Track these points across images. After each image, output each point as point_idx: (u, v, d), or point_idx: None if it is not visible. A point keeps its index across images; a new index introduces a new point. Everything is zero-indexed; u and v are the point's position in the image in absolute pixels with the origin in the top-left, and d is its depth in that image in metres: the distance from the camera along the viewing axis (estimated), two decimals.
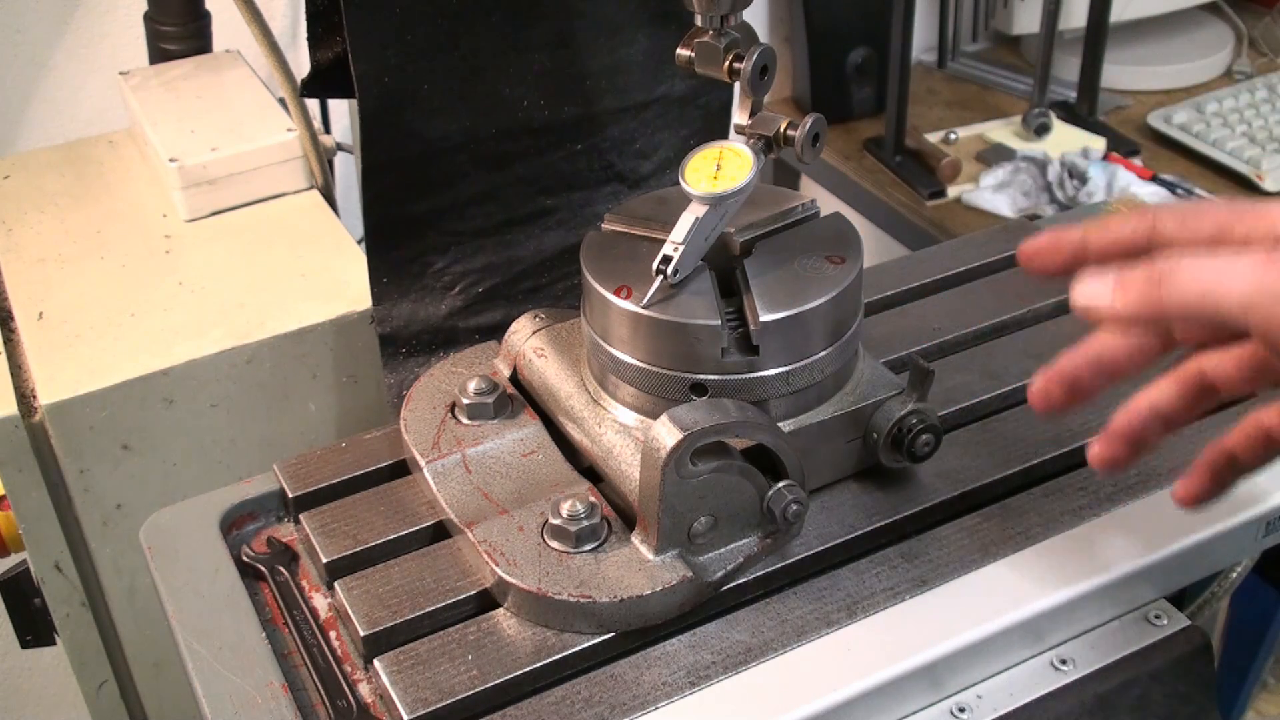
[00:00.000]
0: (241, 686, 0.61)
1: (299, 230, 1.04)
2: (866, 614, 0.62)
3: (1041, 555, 0.65)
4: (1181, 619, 0.66)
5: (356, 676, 0.63)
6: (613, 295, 0.64)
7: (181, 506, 0.73)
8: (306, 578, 0.69)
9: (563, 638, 0.61)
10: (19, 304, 0.96)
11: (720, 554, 0.63)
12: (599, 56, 0.84)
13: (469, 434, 0.70)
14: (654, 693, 0.59)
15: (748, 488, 0.62)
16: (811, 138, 0.65)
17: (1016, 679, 0.63)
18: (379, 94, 0.78)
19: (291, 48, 1.32)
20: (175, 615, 0.65)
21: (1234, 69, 1.79)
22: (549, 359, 0.72)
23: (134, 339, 0.91)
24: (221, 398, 0.91)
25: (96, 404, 0.86)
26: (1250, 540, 0.69)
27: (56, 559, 0.91)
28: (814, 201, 0.71)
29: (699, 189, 0.64)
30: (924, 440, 0.66)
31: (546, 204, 0.88)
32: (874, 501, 0.68)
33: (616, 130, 0.88)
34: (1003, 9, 1.82)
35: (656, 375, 0.64)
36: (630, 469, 0.63)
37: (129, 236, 1.04)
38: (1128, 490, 0.69)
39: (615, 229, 0.70)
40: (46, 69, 1.36)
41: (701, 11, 0.64)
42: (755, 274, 0.65)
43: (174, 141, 1.07)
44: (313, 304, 0.93)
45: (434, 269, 0.85)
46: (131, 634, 0.95)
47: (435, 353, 0.86)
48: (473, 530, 0.64)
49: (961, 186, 1.55)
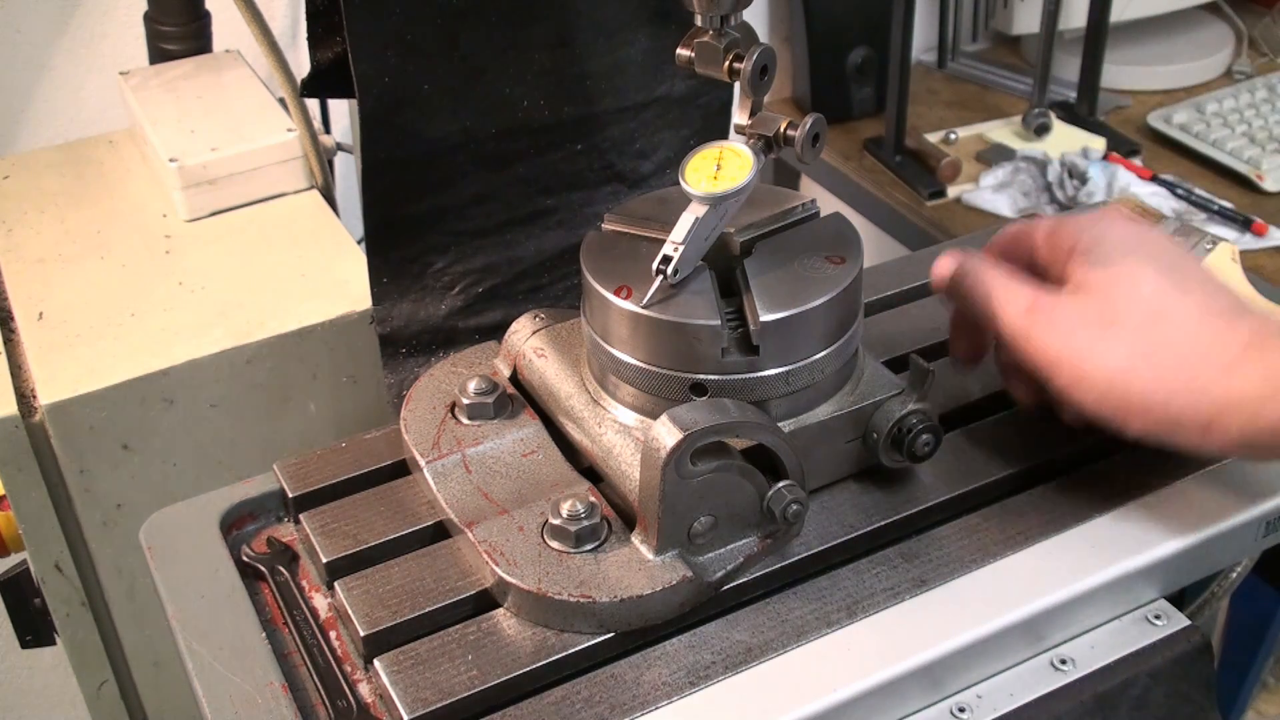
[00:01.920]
0: (241, 686, 0.61)
1: (299, 230, 1.04)
2: (866, 614, 0.62)
3: (1041, 555, 0.65)
4: (1181, 619, 0.66)
5: (356, 676, 0.63)
6: (613, 295, 0.64)
7: (181, 506, 0.73)
8: (306, 578, 0.69)
9: (563, 638, 0.61)
10: (19, 304, 0.96)
11: (720, 554, 0.63)
12: (599, 56, 0.84)
13: (469, 434, 0.70)
14: (654, 693, 0.59)
15: (748, 488, 0.62)
16: (811, 138, 0.65)
17: (1016, 679, 0.63)
18: (379, 94, 0.78)
19: (291, 48, 1.32)
20: (175, 615, 0.65)
21: (1234, 69, 1.79)
22: (549, 359, 0.72)
23: (134, 339, 0.91)
24: (221, 398, 0.91)
25: (96, 404, 0.86)
26: (1250, 540, 0.69)
27: (56, 559, 0.91)
28: (814, 201, 0.71)
29: (699, 189, 0.64)
30: (924, 440, 0.66)
31: (546, 204, 0.88)
32: (874, 501, 0.68)
33: (616, 130, 0.88)
34: (1003, 9, 1.82)
35: (656, 375, 0.64)
36: (630, 469, 0.63)
37: (129, 236, 1.04)
38: (1128, 490, 0.69)
39: (615, 229, 0.70)
40: (46, 69, 1.36)
41: (701, 11, 0.64)
42: (755, 274, 0.65)
43: (174, 141, 1.07)
44: (313, 304, 0.93)
45: (434, 269, 0.85)
46: (131, 634, 0.95)
47: (435, 353, 0.86)
48: (473, 530, 0.64)
49: (961, 186, 1.55)
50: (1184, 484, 0.69)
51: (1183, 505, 0.68)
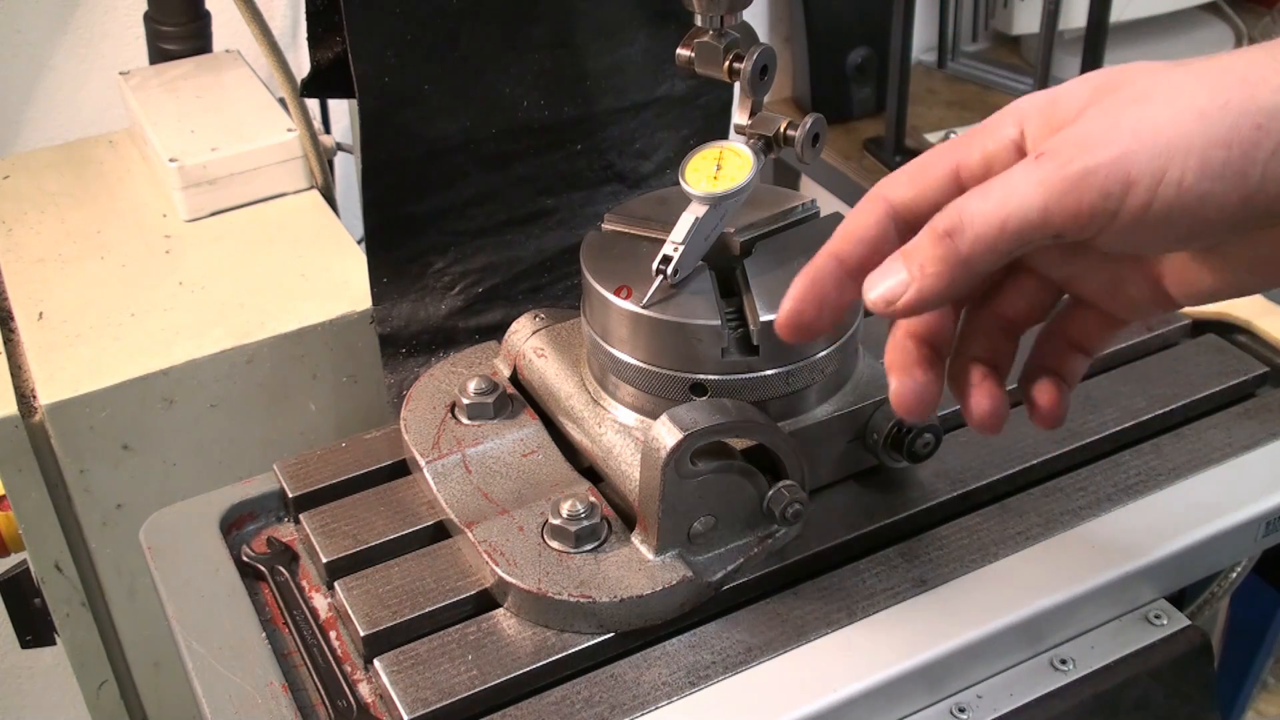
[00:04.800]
0: (241, 686, 0.61)
1: (299, 230, 1.04)
2: (866, 614, 0.62)
3: (1041, 555, 0.65)
4: (1181, 619, 0.66)
5: (356, 676, 0.63)
6: (613, 295, 0.64)
7: (181, 506, 0.73)
8: (306, 578, 0.69)
9: (563, 638, 0.61)
10: (19, 304, 0.96)
11: (720, 554, 0.63)
12: (599, 56, 0.84)
13: (469, 434, 0.70)
14: (654, 693, 0.59)
15: (748, 488, 0.62)
16: (811, 138, 0.65)
17: (1016, 679, 0.63)
18: (379, 94, 0.78)
19: (291, 48, 1.32)
20: (175, 615, 0.65)
21: None
22: (549, 359, 0.72)
23: (134, 339, 0.91)
24: (221, 398, 0.91)
25: (96, 404, 0.86)
26: (1250, 540, 0.69)
27: (56, 559, 0.91)
28: (814, 201, 0.71)
29: (699, 189, 0.64)
30: (924, 440, 0.66)
31: (546, 204, 0.88)
32: (874, 501, 0.68)
33: (616, 130, 0.88)
34: (1003, 9, 1.82)
35: (656, 375, 0.64)
36: (630, 469, 0.63)
37: (129, 236, 1.04)
38: (1128, 490, 0.69)
39: (615, 229, 0.70)
40: (46, 69, 1.36)
41: (701, 11, 0.64)
42: (755, 274, 0.65)
43: (174, 141, 1.06)
44: (313, 304, 0.93)
45: (434, 269, 0.85)
46: (131, 634, 0.95)
47: (435, 353, 0.86)
48: (473, 530, 0.64)
49: None
50: (1184, 484, 0.69)
51: (1183, 505, 0.68)
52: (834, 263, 0.51)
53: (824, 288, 0.51)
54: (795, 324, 0.52)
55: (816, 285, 0.51)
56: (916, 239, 0.47)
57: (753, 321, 0.63)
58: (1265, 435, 0.72)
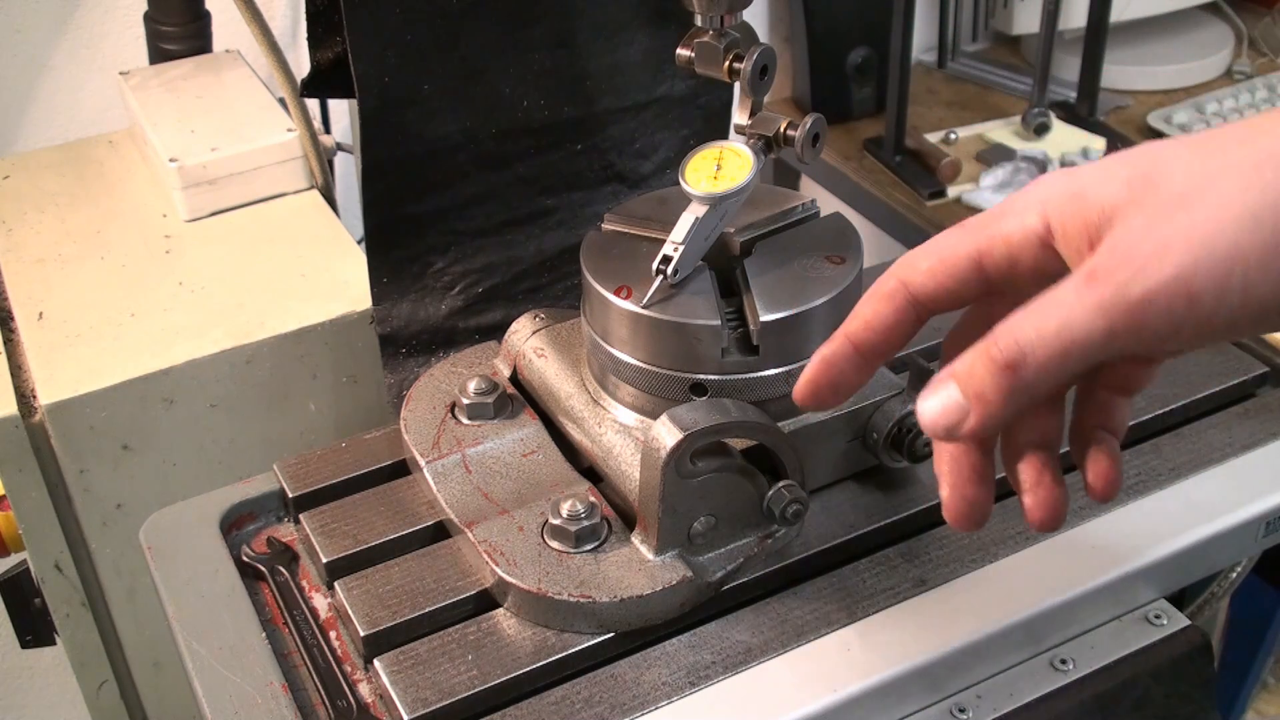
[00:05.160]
0: (241, 686, 0.61)
1: (299, 230, 1.04)
2: (866, 614, 0.62)
3: (1041, 555, 0.65)
4: (1181, 619, 0.66)
5: (356, 676, 0.63)
6: (613, 295, 0.64)
7: (181, 506, 0.73)
8: (306, 578, 0.69)
9: (563, 638, 0.61)
10: (19, 304, 0.96)
11: (720, 554, 0.63)
12: (599, 56, 0.84)
13: (469, 434, 0.70)
14: (654, 693, 0.59)
15: (748, 488, 0.62)
16: (811, 138, 0.65)
17: (1016, 679, 0.63)
18: (379, 94, 0.78)
19: (291, 48, 1.32)
20: (175, 615, 0.65)
21: (1234, 69, 1.79)
22: (549, 359, 0.72)
23: (134, 339, 0.91)
24: (221, 398, 0.91)
25: (96, 404, 0.86)
26: (1250, 540, 0.69)
27: (56, 559, 0.91)
28: (814, 201, 0.71)
29: (699, 189, 0.64)
30: (924, 440, 0.66)
31: (546, 204, 0.88)
32: (874, 501, 0.68)
33: (616, 130, 0.88)
34: (1003, 9, 1.82)
35: (656, 375, 0.64)
36: (630, 469, 0.63)
37: (129, 236, 1.04)
38: (1127, 490, 0.69)
39: (615, 229, 0.70)
40: (46, 69, 1.36)
41: (701, 11, 0.64)
42: (755, 274, 0.65)
43: (174, 141, 1.07)
44: (312, 304, 0.93)
45: (434, 269, 0.85)
46: (131, 634, 0.95)
47: (435, 353, 0.86)
48: (473, 530, 0.64)
49: (961, 186, 1.55)
50: (1184, 484, 0.69)
51: (1183, 505, 0.68)
52: (849, 347, 0.51)
53: (839, 371, 0.52)
54: (810, 401, 0.53)
55: (832, 368, 0.52)
56: (970, 364, 0.46)
57: (753, 321, 0.63)
58: (1265, 435, 0.72)
